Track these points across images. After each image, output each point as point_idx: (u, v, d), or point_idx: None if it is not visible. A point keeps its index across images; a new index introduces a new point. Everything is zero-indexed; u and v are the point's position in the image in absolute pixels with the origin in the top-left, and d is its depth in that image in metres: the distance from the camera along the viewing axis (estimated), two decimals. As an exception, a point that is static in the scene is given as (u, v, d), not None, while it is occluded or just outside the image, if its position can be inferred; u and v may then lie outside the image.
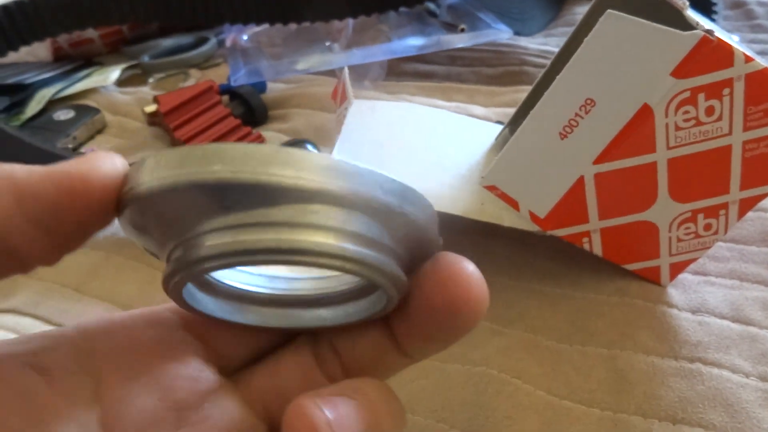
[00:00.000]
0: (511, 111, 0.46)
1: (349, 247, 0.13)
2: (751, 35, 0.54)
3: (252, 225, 0.13)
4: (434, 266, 0.15)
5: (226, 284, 0.17)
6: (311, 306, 0.18)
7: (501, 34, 0.51)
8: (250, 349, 0.18)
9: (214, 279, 0.17)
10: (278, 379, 0.17)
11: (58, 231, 0.14)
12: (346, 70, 0.32)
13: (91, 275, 0.35)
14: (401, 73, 0.54)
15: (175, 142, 0.45)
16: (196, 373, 0.17)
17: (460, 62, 0.55)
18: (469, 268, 0.15)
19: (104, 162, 0.14)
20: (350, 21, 0.54)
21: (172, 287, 0.15)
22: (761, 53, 0.50)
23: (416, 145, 0.32)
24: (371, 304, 0.17)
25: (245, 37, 0.56)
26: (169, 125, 0.45)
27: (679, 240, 0.28)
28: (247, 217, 0.13)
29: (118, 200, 0.14)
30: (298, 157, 0.12)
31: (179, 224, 0.14)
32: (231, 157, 0.12)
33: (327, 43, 0.51)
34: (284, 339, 0.18)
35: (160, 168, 0.13)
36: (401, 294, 0.15)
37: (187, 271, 0.14)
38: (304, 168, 0.12)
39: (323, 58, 0.48)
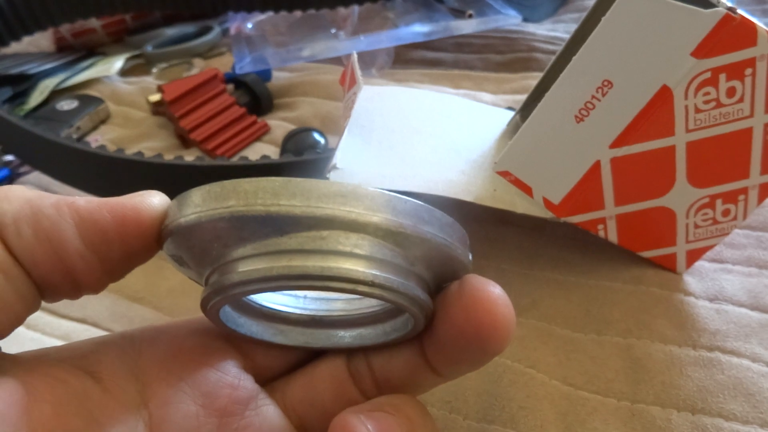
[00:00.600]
0: (521, 98, 0.45)
1: (367, 272, 0.14)
2: (764, 19, 0.53)
3: (279, 252, 0.14)
4: (460, 291, 0.15)
5: (263, 305, 0.18)
6: (345, 327, 0.18)
7: (509, 19, 0.50)
8: (286, 362, 0.19)
9: (251, 301, 0.17)
10: (313, 391, 0.18)
11: (110, 258, 0.15)
12: (355, 55, 0.31)
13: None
14: (408, 61, 0.53)
15: (180, 131, 0.45)
16: (236, 381, 0.17)
17: (468, 49, 0.54)
18: (494, 292, 0.15)
19: (152, 198, 0.15)
20: (356, 8, 0.53)
21: (210, 309, 0.15)
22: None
23: (427, 130, 0.31)
24: (403, 325, 0.17)
25: (249, 26, 0.56)
26: (174, 114, 0.44)
27: (696, 226, 0.28)
28: (271, 245, 0.14)
29: (160, 234, 0.15)
30: (307, 186, 0.13)
31: (210, 253, 0.15)
32: (245, 192, 0.13)
33: (332, 31, 0.50)
34: (318, 352, 0.19)
35: (186, 206, 0.14)
36: (426, 316, 0.16)
37: (222, 295, 0.15)
38: (312, 197, 0.13)
39: (329, 45, 0.47)
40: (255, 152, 0.43)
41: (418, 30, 0.49)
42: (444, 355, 0.16)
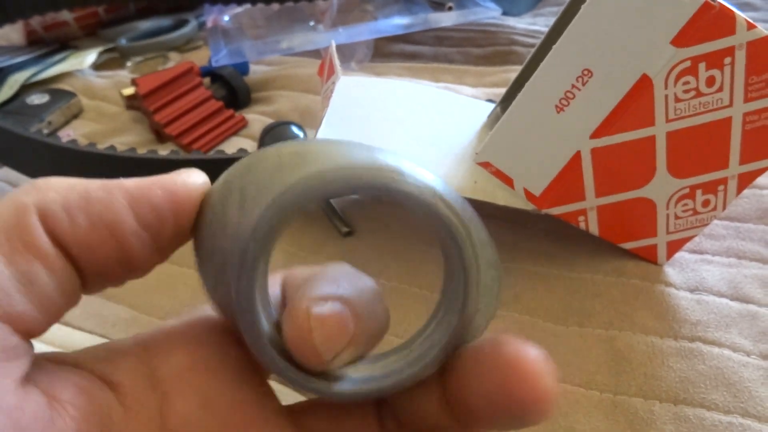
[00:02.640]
0: (501, 91, 0.45)
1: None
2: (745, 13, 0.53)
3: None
4: (494, 356, 0.13)
5: None
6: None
7: (489, 12, 0.50)
8: None
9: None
10: (339, 428, 0.17)
11: (162, 236, 0.15)
12: (333, 44, 0.31)
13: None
14: (388, 54, 0.53)
15: (155, 126, 0.44)
16: (259, 401, 0.16)
17: (448, 42, 0.54)
18: (537, 362, 0.13)
19: (196, 174, 0.15)
20: (335, 0, 0.53)
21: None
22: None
23: (407, 122, 0.31)
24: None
25: (226, 18, 0.55)
26: (149, 108, 0.43)
27: (676, 217, 0.27)
28: None
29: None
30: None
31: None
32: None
33: (311, 23, 0.50)
34: None
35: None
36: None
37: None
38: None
39: (308, 37, 0.46)
40: (232, 147, 0.43)
41: (397, 22, 0.48)
42: (475, 421, 0.15)
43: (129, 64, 0.57)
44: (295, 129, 0.41)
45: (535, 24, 0.55)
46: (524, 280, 0.29)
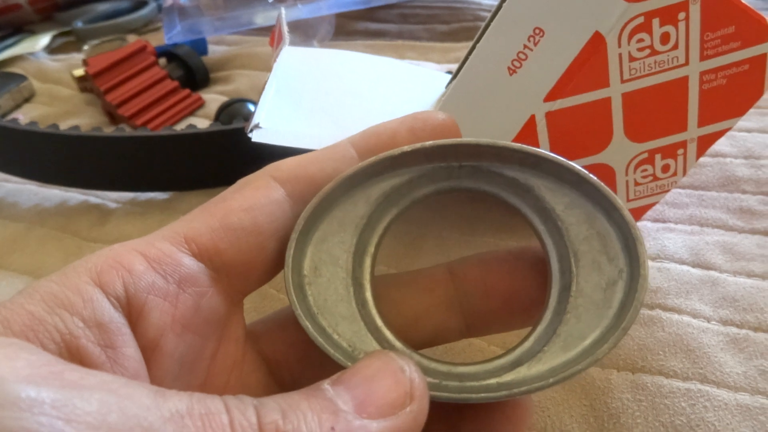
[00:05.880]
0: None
1: None
2: None
3: None
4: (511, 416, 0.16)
5: None
6: None
7: (453, -13, 0.49)
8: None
9: None
10: None
11: None
12: (283, 11, 0.29)
13: (10, 248, 0.32)
14: (351, 32, 0.52)
15: (107, 107, 0.42)
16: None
17: (414, 20, 0.52)
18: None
19: None
20: (295, -23, 0.51)
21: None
22: None
23: (362, 93, 0.30)
24: None
25: (184, -3, 0.53)
26: (100, 88, 0.41)
27: (636, 183, 0.27)
28: None
29: None
30: None
31: None
32: None
33: (270, 0, 0.48)
34: None
35: None
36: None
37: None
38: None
39: (266, 14, 0.45)
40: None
41: (358, -3, 0.47)
42: None
43: (86, 47, 0.55)
44: (251, 106, 0.39)
45: None
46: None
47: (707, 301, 0.25)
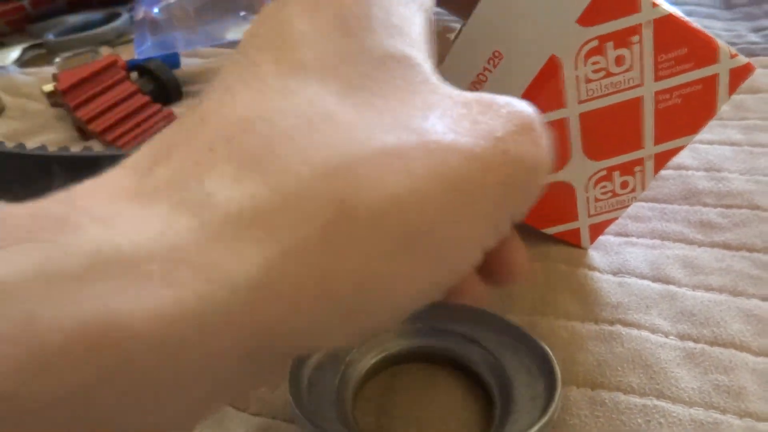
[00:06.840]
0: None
1: None
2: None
3: None
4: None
5: None
6: None
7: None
8: None
9: None
10: None
11: None
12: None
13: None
14: (325, 45, 0.52)
15: (78, 123, 0.42)
16: None
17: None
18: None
19: None
20: (268, -10, 0.51)
21: None
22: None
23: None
24: None
25: (156, 10, 0.53)
26: (70, 104, 0.41)
27: (596, 200, 0.27)
28: None
29: None
30: None
31: None
32: None
33: (242, 14, 0.48)
34: None
35: None
36: None
37: None
38: None
39: (239, 28, 0.45)
40: (160, 142, 0.41)
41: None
42: None
43: (57, 60, 0.54)
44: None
45: (475, 12, 0.55)
46: (449, 269, 0.29)
47: (666, 316, 0.25)
